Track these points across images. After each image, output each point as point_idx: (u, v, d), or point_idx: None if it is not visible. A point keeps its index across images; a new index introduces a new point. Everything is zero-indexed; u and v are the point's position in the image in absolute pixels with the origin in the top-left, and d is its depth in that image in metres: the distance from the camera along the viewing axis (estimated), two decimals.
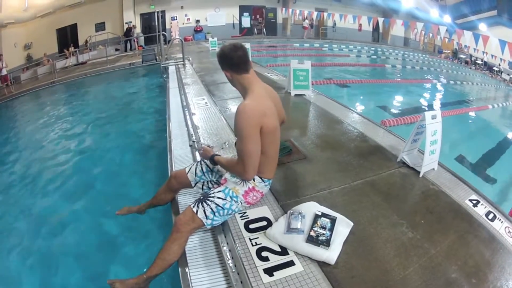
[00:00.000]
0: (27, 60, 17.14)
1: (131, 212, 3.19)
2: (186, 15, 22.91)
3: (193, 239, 2.43)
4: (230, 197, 2.42)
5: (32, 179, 5.37)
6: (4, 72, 13.82)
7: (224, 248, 2.31)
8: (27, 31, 17.30)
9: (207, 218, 2.32)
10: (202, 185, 2.85)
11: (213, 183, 2.83)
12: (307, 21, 24.27)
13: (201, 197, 2.41)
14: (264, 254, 2.18)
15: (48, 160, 6.02)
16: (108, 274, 3.14)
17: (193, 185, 2.84)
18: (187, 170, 2.84)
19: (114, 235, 3.67)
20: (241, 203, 2.50)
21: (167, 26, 21.98)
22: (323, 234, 2.21)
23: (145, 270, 2.28)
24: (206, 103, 5.83)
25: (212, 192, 2.44)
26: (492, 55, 18.32)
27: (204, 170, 2.81)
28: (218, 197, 2.39)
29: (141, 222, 3.51)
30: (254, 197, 2.57)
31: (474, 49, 17.56)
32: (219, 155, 2.67)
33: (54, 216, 4.18)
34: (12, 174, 5.72)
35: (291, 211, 2.39)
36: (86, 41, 18.82)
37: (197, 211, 2.30)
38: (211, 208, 2.33)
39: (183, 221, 2.29)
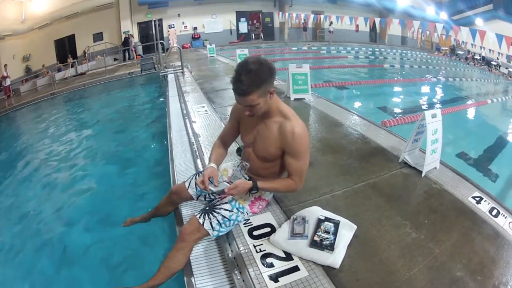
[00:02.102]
0: (26, 72, 17.33)
1: (136, 223, 3.18)
2: (183, 23, 23.04)
3: (198, 248, 2.43)
4: (237, 208, 2.42)
5: (32, 191, 5.34)
6: (8, 82, 13.96)
7: (229, 255, 2.31)
8: (25, 43, 17.55)
9: (213, 230, 2.31)
10: (205, 197, 2.78)
11: (215, 194, 2.74)
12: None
13: (207, 208, 2.41)
14: (268, 260, 2.18)
15: (48, 172, 6.00)
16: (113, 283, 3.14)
17: (195, 199, 2.77)
18: (186, 185, 2.75)
19: (117, 245, 3.66)
20: (247, 213, 2.52)
21: (165, 35, 22.10)
22: (327, 238, 2.21)
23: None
24: (206, 110, 5.85)
25: (218, 203, 2.44)
26: (490, 50, 18.33)
27: None
28: (225, 209, 2.38)
29: (146, 231, 3.50)
30: (260, 206, 2.59)
31: (472, 44, 17.58)
32: (256, 181, 2.35)
33: (55, 229, 4.15)
34: (11, 186, 5.70)
35: (294, 217, 2.40)
36: (84, 52, 18.89)
37: (203, 223, 2.29)
38: (217, 220, 2.32)
39: (189, 230, 2.29)
